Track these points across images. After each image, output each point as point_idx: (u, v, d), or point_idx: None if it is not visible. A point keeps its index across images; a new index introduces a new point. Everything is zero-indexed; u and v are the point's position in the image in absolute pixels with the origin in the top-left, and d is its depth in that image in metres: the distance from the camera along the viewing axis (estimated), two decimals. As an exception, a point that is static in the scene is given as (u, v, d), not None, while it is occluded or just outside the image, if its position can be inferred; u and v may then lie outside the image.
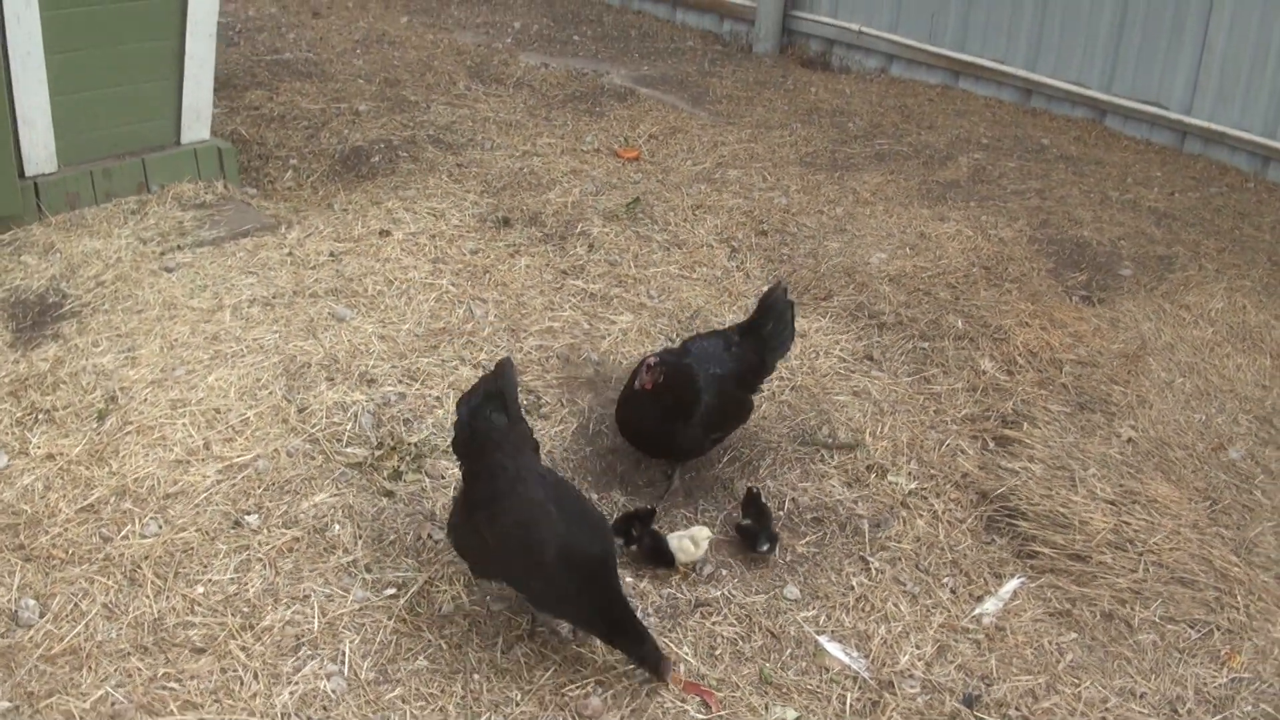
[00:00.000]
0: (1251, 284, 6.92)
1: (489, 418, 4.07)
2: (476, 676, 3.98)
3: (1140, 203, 8.00)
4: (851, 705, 4.03)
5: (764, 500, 4.74)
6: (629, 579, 4.46)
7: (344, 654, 4.01)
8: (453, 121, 8.70)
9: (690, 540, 4.51)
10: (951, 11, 10.29)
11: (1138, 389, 5.75)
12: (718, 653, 4.18)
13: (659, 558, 4.49)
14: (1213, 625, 4.45)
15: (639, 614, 4.12)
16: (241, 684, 3.87)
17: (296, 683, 3.89)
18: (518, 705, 3.88)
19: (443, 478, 4.83)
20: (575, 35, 11.65)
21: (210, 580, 4.27)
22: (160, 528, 4.47)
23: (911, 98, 10.14)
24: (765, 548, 4.57)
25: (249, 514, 4.57)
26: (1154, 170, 8.68)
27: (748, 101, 9.85)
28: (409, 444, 5.00)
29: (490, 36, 11.30)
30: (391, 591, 4.29)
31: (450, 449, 4.47)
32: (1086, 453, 5.26)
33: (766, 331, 5.08)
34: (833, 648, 4.25)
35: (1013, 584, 4.60)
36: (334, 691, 3.87)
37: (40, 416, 5.04)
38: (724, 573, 4.55)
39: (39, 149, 6.54)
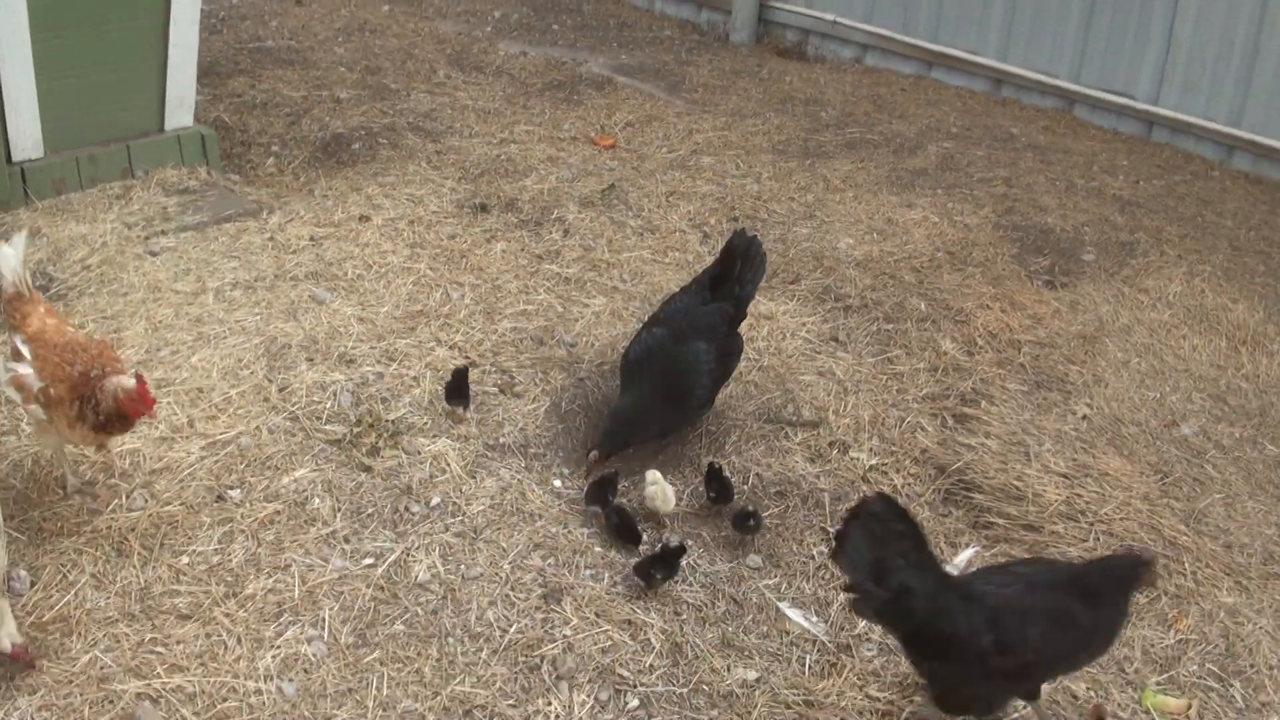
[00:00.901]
0: (1211, 268, 7.11)
1: (907, 572, 3.67)
2: (451, 640, 4.15)
3: (1105, 190, 8.18)
4: (810, 667, 4.22)
5: (725, 474, 4.91)
6: (597, 548, 4.65)
7: (324, 620, 4.18)
8: (432, 109, 8.84)
9: (658, 489, 4.76)
10: (925, 2, 10.46)
11: (1094, 369, 5.94)
12: (683, 617, 4.36)
13: (626, 534, 4.67)
14: (1160, 590, 4.64)
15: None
16: (226, 648, 4.04)
17: (279, 647, 4.06)
18: (490, 667, 4.06)
19: (419, 453, 4.99)
20: (554, 24, 11.78)
21: (195, 551, 4.43)
22: (146, 501, 4.63)
23: (885, 87, 10.30)
24: (752, 522, 4.74)
25: (232, 488, 4.73)
26: (1120, 159, 8.87)
27: (723, 90, 10.01)
28: (387, 421, 5.15)
29: (470, 25, 11.43)
30: (370, 561, 4.46)
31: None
32: (1042, 429, 5.44)
33: (737, 272, 5.33)
34: (793, 613, 4.43)
35: (968, 553, 4.78)
36: (314, 655, 4.04)
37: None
38: (690, 543, 4.72)
39: (25, 135, 6.67)
